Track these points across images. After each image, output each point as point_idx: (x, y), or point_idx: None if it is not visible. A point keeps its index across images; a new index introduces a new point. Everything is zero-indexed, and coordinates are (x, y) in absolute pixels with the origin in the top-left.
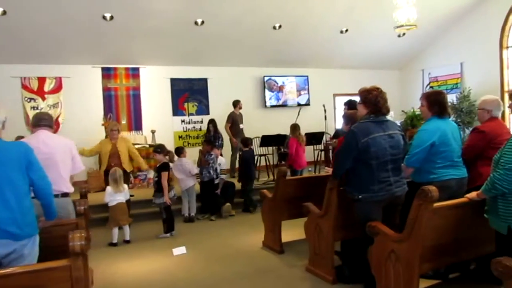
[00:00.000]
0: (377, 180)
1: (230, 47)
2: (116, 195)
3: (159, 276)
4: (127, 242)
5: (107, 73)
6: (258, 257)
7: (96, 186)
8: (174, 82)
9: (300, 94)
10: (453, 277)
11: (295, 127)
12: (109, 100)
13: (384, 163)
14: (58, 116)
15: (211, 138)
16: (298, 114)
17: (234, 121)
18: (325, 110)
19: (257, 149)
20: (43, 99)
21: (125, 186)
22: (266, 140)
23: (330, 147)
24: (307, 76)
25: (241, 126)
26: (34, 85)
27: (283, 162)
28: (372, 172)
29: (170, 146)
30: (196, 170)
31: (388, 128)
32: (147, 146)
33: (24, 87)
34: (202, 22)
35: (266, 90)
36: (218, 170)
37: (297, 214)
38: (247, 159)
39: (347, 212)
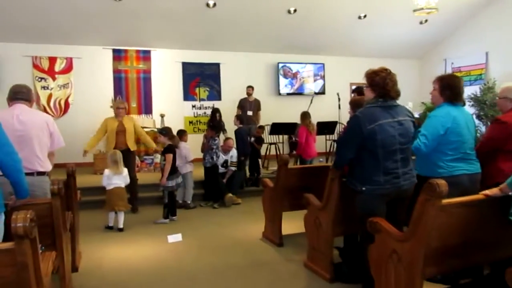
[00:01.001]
0: (383, 171)
1: (244, 31)
2: (114, 178)
3: (149, 263)
4: (121, 230)
5: (118, 55)
6: (255, 249)
7: (103, 167)
8: (186, 66)
9: (315, 82)
10: (463, 283)
11: (305, 115)
12: (119, 83)
13: (392, 152)
14: (68, 97)
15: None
16: (311, 102)
17: (242, 107)
18: (339, 99)
19: (267, 137)
20: (54, 79)
21: (125, 169)
22: (276, 128)
23: None
24: (323, 64)
25: (249, 112)
26: (45, 64)
27: (294, 152)
28: (378, 162)
29: None
30: (192, 156)
31: (397, 114)
32: (155, 130)
33: (35, 66)
34: (214, 4)
35: (280, 77)
36: (229, 162)
37: (299, 206)
38: (240, 135)
39: (349, 206)
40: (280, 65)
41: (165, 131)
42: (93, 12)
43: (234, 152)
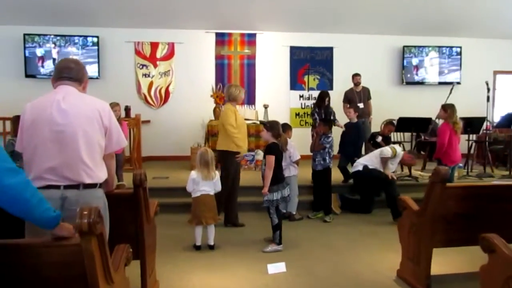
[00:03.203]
0: None
1: (361, 9)
2: (202, 184)
3: None
4: (211, 247)
5: (221, 39)
6: None
7: None
8: (294, 50)
9: (449, 70)
10: None
11: (452, 109)
12: (221, 69)
13: None
14: (169, 85)
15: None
16: (450, 92)
17: (349, 99)
18: (488, 89)
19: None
20: (155, 66)
21: (217, 173)
22: (404, 124)
23: None
24: (460, 48)
25: (360, 105)
26: (147, 50)
27: (422, 153)
28: None
29: None
30: (298, 156)
31: None
32: (258, 122)
33: (137, 52)
34: None
35: (405, 64)
36: None
37: (460, 240)
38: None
39: None
40: (405, 49)
41: (270, 125)
42: None
43: None
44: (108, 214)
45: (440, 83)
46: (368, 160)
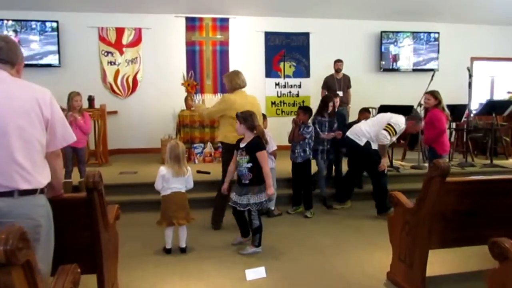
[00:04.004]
0: None
1: None
2: (173, 181)
3: None
4: (183, 251)
5: (192, 24)
6: None
7: None
8: (269, 36)
9: (427, 57)
10: None
11: (440, 95)
12: (192, 56)
13: None
14: (137, 73)
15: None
16: (432, 79)
17: (328, 86)
18: (470, 75)
19: None
20: (121, 53)
21: (189, 168)
22: (384, 112)
23: None
24: (438, 33)
25: (339, 93)
26: (112, 37)
27: (401, 142)
28: None
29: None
30: (274, 147)
31: None
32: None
33: (101, 39)
34: None
35: (383, 50)
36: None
37: (458, 240)
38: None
39: None
40: (383, 34)
41: (243, 116)
42: None
43: None
44: (52, 225)
45: (417, 70)
46: (372, 132)
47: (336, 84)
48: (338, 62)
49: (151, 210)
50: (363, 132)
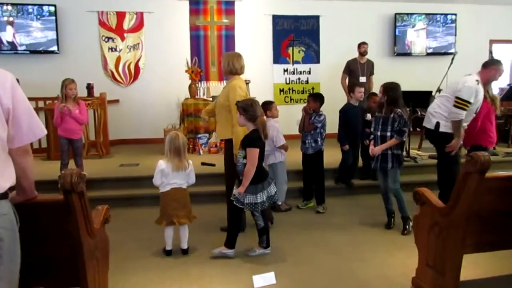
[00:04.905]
0: None
1: None
2: (173, 176)
3: None
4: (185, 252)
5: (196, 8)
6: None
7: None
8: (277, 20)
9: (443, 40)
10: None
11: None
12: (196, 42)
13: None
14: (139, 60)
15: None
16: (451, 63)
17: (351, 71)
18: (492, 58)
19: None
20: (122, 38)
21: (190, 162)
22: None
23: None
24: (455, 15)
25: (361, 79)
26: (113, 21)
27: (418, 130)
28: None
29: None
30: (282, 141)
31: None
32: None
33: (102, 23)
34: None
35: (397, 33)
36: None
37: (495, 244)
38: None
39: None
40: (397, 16)
41: (243, 105)
42: None
43: None
44: (17, 237)
45: (432, 54)
46: (446, 111)
47: (359, 69)
48: (363, 44)
49: (152, 205)
50: (434, 111)
